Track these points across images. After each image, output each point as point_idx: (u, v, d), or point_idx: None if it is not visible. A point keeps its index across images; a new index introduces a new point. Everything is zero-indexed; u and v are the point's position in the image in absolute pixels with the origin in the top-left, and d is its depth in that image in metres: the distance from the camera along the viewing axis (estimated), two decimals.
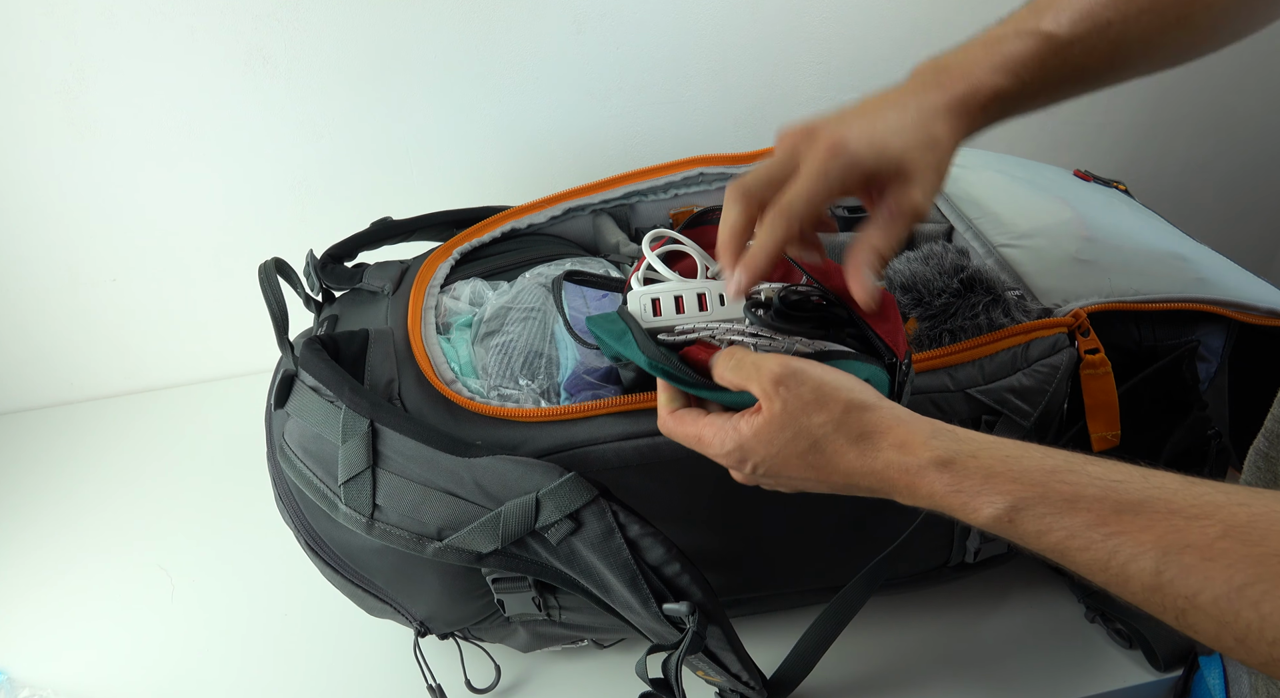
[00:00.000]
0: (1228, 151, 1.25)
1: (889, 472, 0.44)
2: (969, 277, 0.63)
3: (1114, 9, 0.50)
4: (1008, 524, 0.41)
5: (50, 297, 1.01)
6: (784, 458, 0.46)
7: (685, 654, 0.54)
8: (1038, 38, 0.49)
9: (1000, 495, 0.41)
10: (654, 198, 0.81)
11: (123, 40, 0.86)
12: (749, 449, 0.47)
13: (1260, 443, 0.50)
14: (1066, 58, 0.50)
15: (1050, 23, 0.50)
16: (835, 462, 0.45)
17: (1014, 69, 0.49)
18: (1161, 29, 0.51)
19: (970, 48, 0.51)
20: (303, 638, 0.78)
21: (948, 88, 0.49)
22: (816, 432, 0.45)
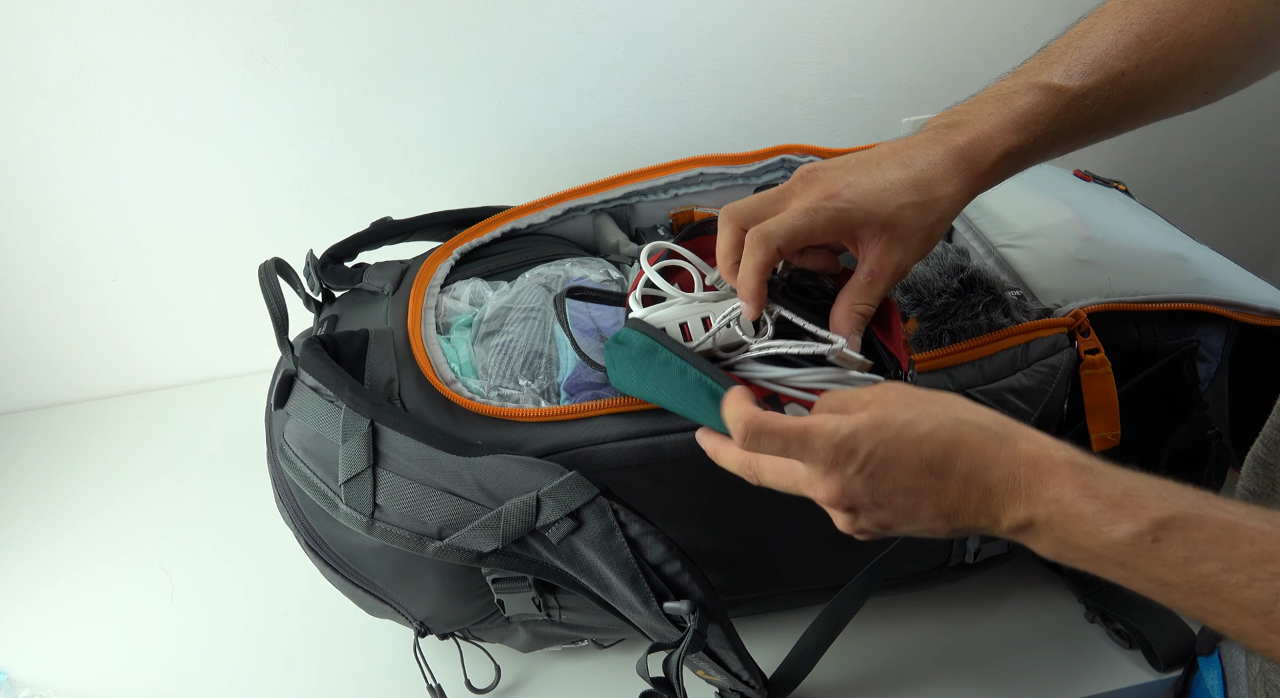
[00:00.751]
0: (1228, 152, 1.25)
1: (1017, 465, 0.40)
2: (969, 277, 0.63)
3: (1126, 59, 0.49)
4: (1149, 545, 0.37)
5: (50, 297, 1.01)
6: (898, 447, 0.42)
7: (686, 653, 0.54)
8: (1049, 92, 0.49)
9: (1145, 510, 0.37)
10: (654, 198, 0.81)
11: (123, 40, 0.86)
12: (861, 436, 0.42)
13: (1259, 449, 0.50)
14: (1080, 110, 0.49)
15: (1061, 76, 0.49)
16: (956, 452, 0.41)
17: (1026, 125, 0.49)
18: (1175, 77, 0.50)
19: (982, 102, 0.51)
20: (303, 638, 0.78)
21: (959, 147, 0.49)
22: (934, 419, 0.42)
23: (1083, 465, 0.40)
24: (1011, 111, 0.49)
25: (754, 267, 0.48)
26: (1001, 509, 0.41)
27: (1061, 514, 0.39)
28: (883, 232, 0.48)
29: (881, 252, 0.49)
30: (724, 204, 0.82)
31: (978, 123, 0.49)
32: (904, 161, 0.49)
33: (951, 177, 0.49)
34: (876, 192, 0.48)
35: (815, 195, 0.48)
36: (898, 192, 0.48)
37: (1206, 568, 0.36)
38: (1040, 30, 1.03)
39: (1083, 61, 0.49)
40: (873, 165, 0.49)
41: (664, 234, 0.81)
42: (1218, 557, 0.36)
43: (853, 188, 0.48)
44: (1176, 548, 0.36)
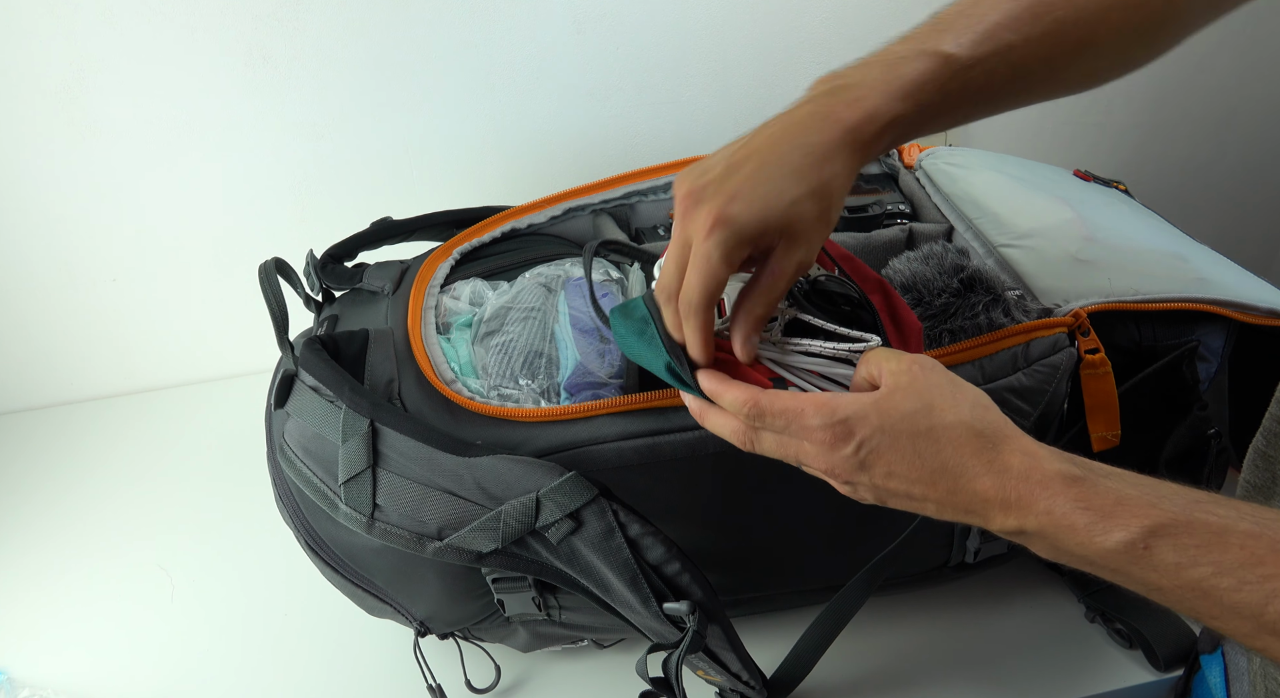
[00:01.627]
0: (1228, 152, 1.25)
1: (1007, 478, 0.40)
2: (969, 276, 0.63)
3: (1016, 31, 0.48)
4: (1141, 552, 0.37)
5: (50, 297, 1.01)
6: (895, 436, 0.42)
7: (685, 654, 0.54)
8: (938, 59, 0.47)
9: (1136, 519, 0.37)
10: (654, 198, 0.81)
11: (123, 40, 0.86)
12: (861, 420, 0.42)
13: (1259, 442, 0.50)
14: (967, 80, 0.48)
15: (951, 43, 0.48)
16: (948, 456, 0.41)
17: (912, 93, 0.47)
18: (1064, 53, 0.49)
19: (870, 67, 0.49)
20: (303, 638, 0.78)
21: (844, 118, 0.46)
22: (938, 415, 0.42)
23: (1075, 477, 0.40)
24: (899, 79, 0.47)
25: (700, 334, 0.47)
26: (991, 516, 0.42)
27: (1053, 525, 0.40)
28: (780, 234, 0.46)
29: (781, 252, 0.46)
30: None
31: (864, 89, 0.47)
32: (784, 151, 0.46)
33: (837, 155, 0.46)
34: (765, 194, 0.44)
35: (704, 230, 0.44)
36: (785, 189, 0.45)
37: (1197, 573, 0.36)
38: None
39: (973, 30, 0.48)
40: (755, 160, 0.46)
41: (664, 234, 0.81)
42: (1208, 562, 0.36)
43: (738, 201, 0.44)
44: (1168, 554, 0.37)
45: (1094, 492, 0.39)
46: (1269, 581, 0.35)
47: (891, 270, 0.65)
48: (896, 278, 0.65)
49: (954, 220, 0.74)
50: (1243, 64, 1.16)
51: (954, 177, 0.78)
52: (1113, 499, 0.38)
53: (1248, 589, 0.35)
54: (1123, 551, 0.38)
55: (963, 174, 0.78)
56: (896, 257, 0.66)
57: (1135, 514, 0.38)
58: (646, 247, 0.76)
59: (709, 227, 0.44)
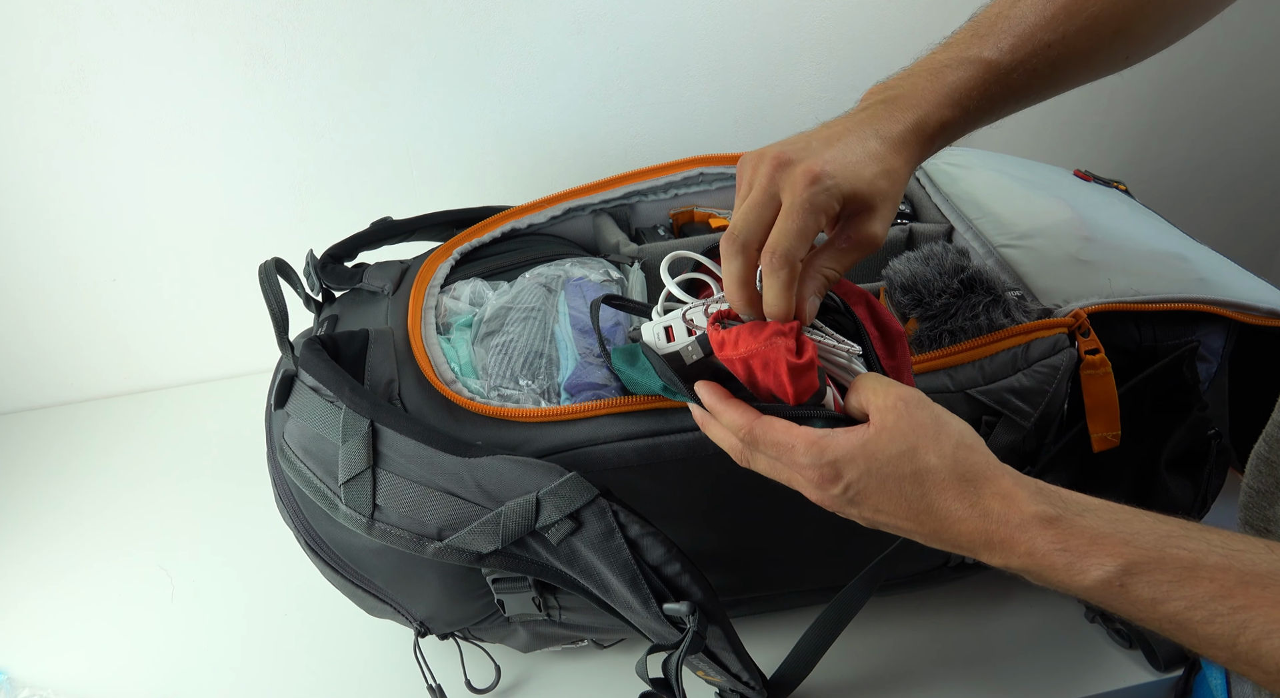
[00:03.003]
0: (1228, 152, 1.25)
1: (988, 522, 0.42)
2: (969, 277, 0.63)
3: (1052, 31, 0.50)
4: (1118, 590, 0.39)
5: (50, 297, 1.01)
6: (881, 479, 0.44)
7: (685, 654, 0.54)
8: (980, 66, 0.50)
9: (1110, 558, 0.39)
10: (654, 198, 0.81)
11: (123, 40, 0.86)
12: (848, 463, 0.44)
13: (1261, 448, 0.50)
14: (1008, 83, 0.51)
15: (991, 50, 0.50)
16: (933, 498, 0.43)
17: (959, 100, 0.50)
18: (1099, 43, 0.51)
19: (916, 77, 0.51)
20: (303, 638, 0.78)
21: (901, 120, 0.49)
22: (922, 459, 0.43)
23: (1051, 518, 0.41)
24: (945, 87, 0.50)
25: (783, 289, 0.47)
26: (978, 552, 0.44)
27: (1035, 565, 0.41)
28: (862, 203, 0.48)
29: (861, 222, 0.49)
30: (724, 204, 0.83)
31: (914, 96, 0.50)
32: (859, 135, 0.49)
33: (901, 149, 0.49)
34: (854, 163, 0.47)
35: (802, 184, 0.46)
36: (869, 162, 0.48)
37: (1171, 608, 0.38)
38: None
39: (1011, 34, 0.50)
40: (835, 141, 0.48)
41: (664, 234, 0.81)
42: (1180, 597, 0.37)
43: (832, 163, 0.47)
44: (1142, 591, 0.38)
45: (1070, 532, 0.41)
46: (1238, 612, 0.36)
47: (891, 271, 0.65)
48: (896, 279, 0.65)
49: (954, 220, 0.74)
50: (1243, 64, 1.16)
51: (954, 177, 0.78)
52: (1088, 538, 0.40)
53: (1219, 621, 0.36)
54: (1100, 588, 0.39)
55: (963, 174, 0.78)
56: (896, 257, 0.66)
57: (1109, 553, 0.39)
58: (647, 246, 0.76)
59: (809, 179, 0.46)
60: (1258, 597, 0.36)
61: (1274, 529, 0.50)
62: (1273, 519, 0.50)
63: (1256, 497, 0.51)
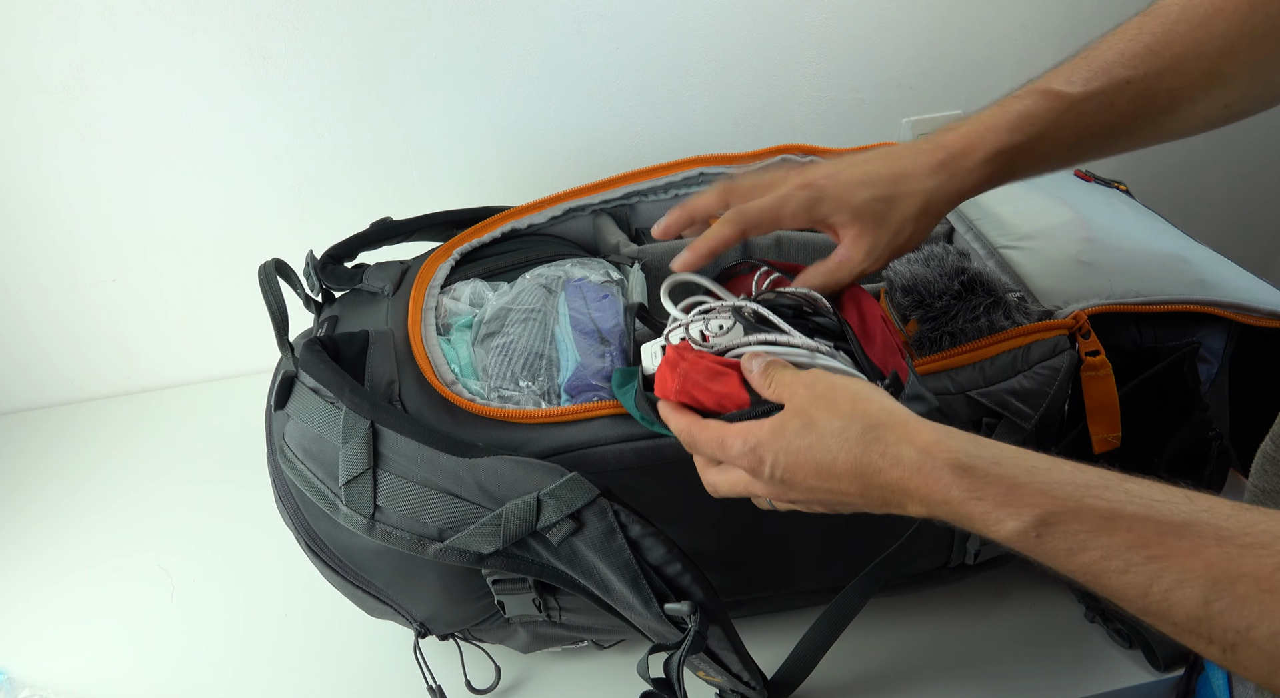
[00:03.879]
0: (1228, 152, 1.25)
1: (901, 471, 0.42)
2: (970, 279, 0.63)
3: (1133, 68, 0.50)
4: (1034, 540, 0.38)
5: (50, 297, 1.01)
6: (795, 455, 0.45)
7: (687, 654, 0.54)
8: (1048, 96, 0.51)
9: (1027, 508, 0.38)
10: (654, 198, 0.81)
11: (123, 40, 0.86)
12: (764, 447, 0.46)
13: (1268, 446, 0.50)
14: (1080, 114, 0.50)
15: (1063, 82, 0.51)
16: (844, 458, 0.43)
17: (1020, 125, 0.51)
18: (1187, 86, 0.50)
19: (985, 109, 0.53)
20: (303, 638, 0.78)
21: (946, 144, 0.52)
22: (824, 425, 0.44)
23: (965, 467, 0.40)
24: (1006, 113, 0.51)
25: (716, 237, 0.55)
26: (901, 506, 0.43)
27: (953, 514, 0.41)
28: (854, 221, 0.52)
29: (851, 239, 0.53)
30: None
31: (972, 124, 0.52)
32: (890, 157, 0.52)
33: (932, 174, 0.51)
34: (852, 183, 0.51)
35: (794, 183, 0.53)
36: (872, 184, 0.51)
37: (1087, 558, 0.37)
38: (1040, 30, 1.03)
39: (1087, 68, 0.51)
40: (861, 160, 0.53)
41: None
42: (1097, 546, 0.37)
43: (830, 178, 0.52)
44: (1059, 541, 0.38)
45: (985, 482, 0.40)
46: (1153, 562, 0.35)
47: (892, 272, 0.65)
48: (897, 280, 0.65)
49: (955, 221, 0.74)
50: None
51: None
52: (1005, 488, 0.39)
53: (1134, 571, 0.36)
54: (1017, 538, 0.39)
55: None
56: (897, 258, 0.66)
57: (1026, 503, 0.39)
58: (647, 247, 0.76)
59: (800, 182, 0.54)
60: (1174, 547, 0.35)
61: None
62: None
63: (1262, 496, 0.51)
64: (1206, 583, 0.34)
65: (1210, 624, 0.34)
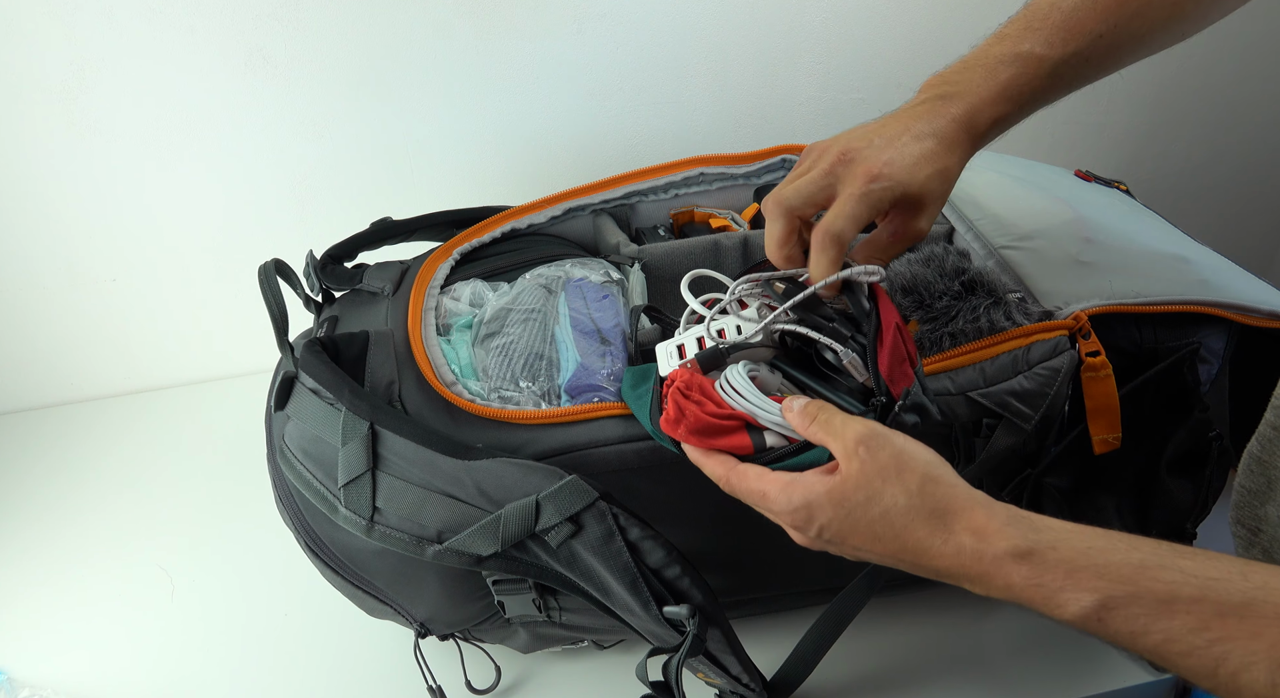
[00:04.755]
0: (1228, 152, 1.25)
1: (962, 558, 0.42)
2: (970, 279, 0.63)
3: (1104, 21, 0.51)
4: (1097, 623, 0.39)
5: (50, 297, 1.01)
6: (853, 523, 0.45)
7: (685, 657, 0.54)
8: (1032, 62, 0.52)
9: (1086, 592, 0.39)
10: (654, 198, 0.81)
11: (123, 40, 0.86)
12: (818, 509, 0.45)
13: (1254, 447, 0.50)
14: (1059, 75, 0.52)
15: (1043, 45, 0.52)
16: (905, 537, 0.44)
17: (1011, 97, 0.52)
18: (1152, 29, 0.52)
19: (971, 71, 0.53)
20: (303, 638, 0.78)
21: (956, 118, 0.52)
22: (889, 500, 0.44)
23: (1023, 552, 0.41)
24: (998, 83, 0.52)
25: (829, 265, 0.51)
26: (959, 583, 0.44)
27: (1014, 598, 0.42)
28: (913, 202, 0.51)
29: (908, 218, 0.52)
30: (724, 204, 0.83)
31: (969, 95, 0.52)
32: (917, 135, 0.51)
33: (955, 147, 0.52)
34: (909, 166, 0.50)
35: (862, 180, 0.50)
36: (923, 164, 0.51)
37: (1150, 641, 0.38)
38: None
39: (1063, 27, 0.52)
40: (895, 140, 0.51)
41: (664, 234, 0.81)
42: (1158, 630, 0.38)
43: (891, 165, 0.50)
44: (1120, 625, 0.39)
45: (1044, 567, 0.41)
46: (1215, 645, 0.36)
47: (892, 273, 0.65)
48: (897, 281, 0.65)
49: (955, 221, 0.74)
50: (1243, 64, 1.16)
51: None
52: (1063, 572, 0.40)
53: (1198, 654, 0.37)
54: (1079, 622, 0.40)
55: (963, 175, 0.78)
56: (897, 259, 0.66)
57: (1084, 588, 0.39)
58: (648, 247, 0.76)
59: (869, 177, 0.50)
60: (1235, 628, 0.36)
61: (1265, 529, 0.50)
62: (1264, 519, 0.50)
63: (1249, 496, 0.51)
64: (1272, 665, 0.35)
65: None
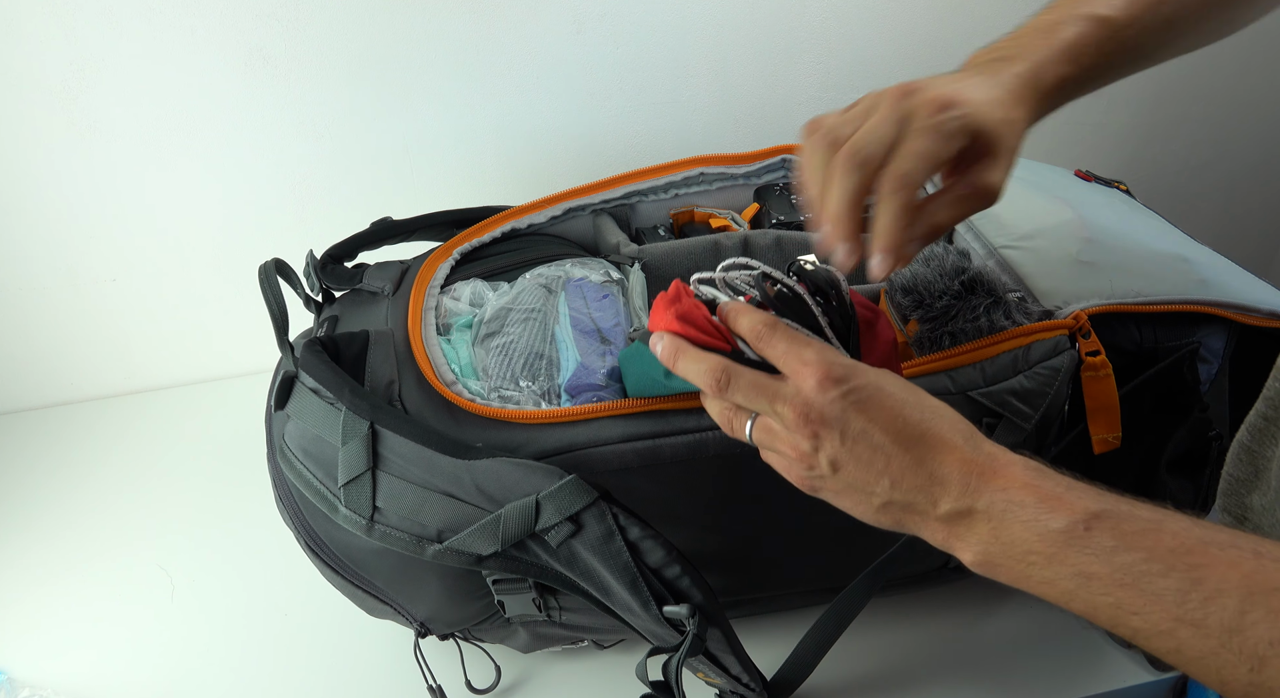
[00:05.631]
0: (1228, 152, 1.25)
1: (978, 456, 0.42)
2: (970, 279, 0.63)
3: None
4: (1081, 533, 0.39)
5: (50, 297, 1.01)
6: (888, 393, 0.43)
7: (685, 657, 0.54)
8: (1094, 22, 0.49)
9: (1081, 503, 0.39)
10: (654, 198, 0.81)
11: (123, 40, 0.86)
12: (862, 371, 0.44)
13: (1244, 436, 0.50)
14: (1123, 40, 0.49)
15: (1104, 6, 0.49)
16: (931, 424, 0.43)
17: (1076, 57, 0.48)
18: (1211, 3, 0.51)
19: (1024, 36, 0.50)
20: (303, 638, 0.78)
21: (1019, 74, 0.47)
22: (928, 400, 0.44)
23: (1034, 467, 0.42)
24: (1060, 43, 0.48)
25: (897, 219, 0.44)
26: (945, 494, 0.42)
27: (1004, 502, 0.41)
28: (986, 146, 0.45)
29: (982, 169, 0.46)
30: (724, 204, 0.83)
31: (1028, 55, 0.48)
32: (984, 82, 0.46)
33: (1021, 101, 0.47)
34: (984, 101, 0.44)
35: (931, 108, 0.43)
36: (996, 106, 0.45)
37: (1130, 557, 0.37)
38: None
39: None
40: (963, 79, 0.46)
41: (664, 234, 0.81)
42: (1141, 547, 0.37)
43: (964, 93, 0.44)
44: (1105, 538, 0.38)
45: (1047, 479, 0.41)
46: (1194, 569, 0.36)
47: (893, 272, 0.65)
48: (897, 280, 0.65)
49: None
50: (1243, 64, 1.16)
51: None
52: (1063, 487, 0.41)
53: (1175, 575, 0.36)
54: (1064, 531, 0.39)
55: None
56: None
57: (1080, 499, 0.40)
58: (648, 247, 0.76)
59: (940, 105, 0.43)
60: (1215, 557, 0.36)
61: (1250, 517, 0.50)
62: (1249, 508, 0.50)
63: (1235, 484, 0.51)
64: (1243, 594, 0.34)
65: (1243, 636, 0.34)
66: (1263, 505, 0.48)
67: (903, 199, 0.43)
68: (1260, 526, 0.49)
